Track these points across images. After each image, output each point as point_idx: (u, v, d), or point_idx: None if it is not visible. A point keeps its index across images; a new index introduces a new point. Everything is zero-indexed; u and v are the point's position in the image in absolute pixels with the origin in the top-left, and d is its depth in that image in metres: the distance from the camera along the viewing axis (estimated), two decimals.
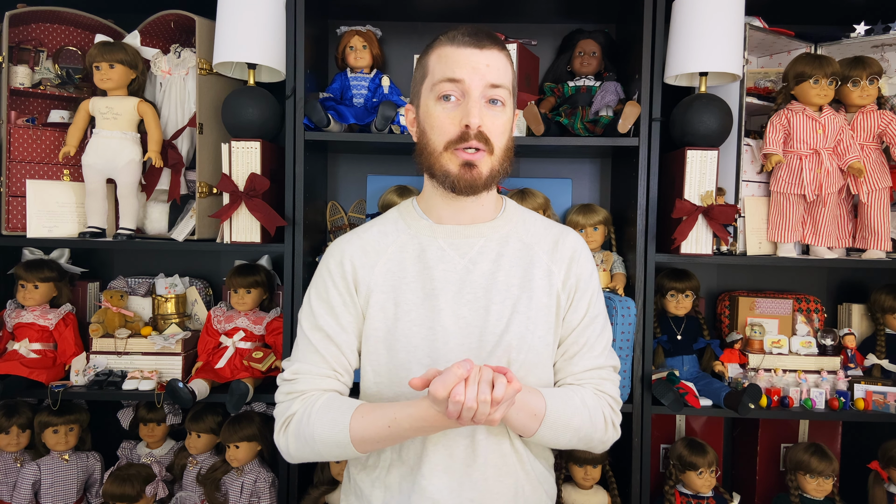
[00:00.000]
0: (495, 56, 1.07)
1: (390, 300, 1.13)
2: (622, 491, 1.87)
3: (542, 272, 1.15)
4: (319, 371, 1.12)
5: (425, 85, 1.10)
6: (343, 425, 1.04)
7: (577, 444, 1.13)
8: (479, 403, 0.90)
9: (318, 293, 1.16)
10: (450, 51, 1.06)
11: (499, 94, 1.06)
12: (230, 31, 1.70)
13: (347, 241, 1.19)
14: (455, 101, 1.06)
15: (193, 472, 1.88)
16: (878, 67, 1.78)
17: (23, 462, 1.89)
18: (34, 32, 1.96)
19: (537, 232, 1.20)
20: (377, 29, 1.98)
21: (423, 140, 1.11)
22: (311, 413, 1.08)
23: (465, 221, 1.16)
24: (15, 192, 1.88)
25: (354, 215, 2.12)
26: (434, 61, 1.08)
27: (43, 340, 1.87)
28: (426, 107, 1.09)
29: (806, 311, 1.98)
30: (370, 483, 1.16)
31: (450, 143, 1.06)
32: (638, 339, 1.75)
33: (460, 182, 1.07)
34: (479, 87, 1.05)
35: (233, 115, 1.74)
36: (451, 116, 1.06)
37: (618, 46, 2.01)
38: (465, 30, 1.07)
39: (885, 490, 1.84)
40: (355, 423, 1.04)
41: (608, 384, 1.17)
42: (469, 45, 1.05)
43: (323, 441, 1.06)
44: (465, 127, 1.04)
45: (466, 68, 1.04)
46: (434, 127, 1.07)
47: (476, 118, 1.04)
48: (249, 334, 1.89)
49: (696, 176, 1.72)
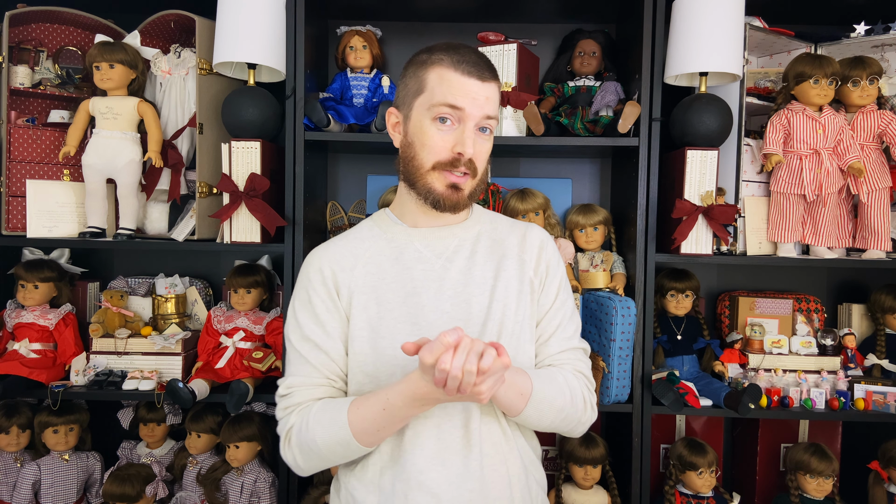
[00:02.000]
0: (493, 89, 1.12)
1: (372, 300, 1.15)
2: (622, 491, 1.87)
3: (515, 262, 1.20)
4: (312, 381, 1.14)
5: (421, 100, 1.12)
6: (342, 422, 1.05)
7: (560, 425, 1.16)
8: (465, 373, 0.90)
9: (301, 303, 1.18)
10: (453, 76, 1.09)
11: (490, 123, 1.12)
12: (230, 31, 1.70)
13: (324, 248, 1.22)
14: (451, 125, 1.10)
15: (193, 472, 1.88)
16: (878, 67, 1.78)
17: (23, 462, 1.89)
18: (34, 32, 1.96)
19: (504, 229, 1.26)
20: (377, 29, 1.98)
21: (409, 152, 1.14)
22: (309, 419, 1.09)
23: (439, 225, 1.20)
24: (15, 192, 1.88)
25: (354, 215, 2.12)
26: (434, 81, 1.10)
27: (43, 340, 1.87)
28: (419, 122, 1.12)
29: (806, 311, 1.98)
30: (364, 489, 1.14)
31: (439, 164, 1.10)
32: (638, 339, 1.75)
33: (446, 202, 1.12)
34: (476, 118, 1.09)
35: (233, 115, 1.74)
36: (445, 140, 1.10)
37: (618, 46, 2.01)
38: (470, 58, 1.10)
39: (885, 490, 1.84)
40: (353, 415, 1.05)
41: (583, 365, 1.22)
42: (473, 75, 1.09)
43: (326, 443, 1.07)
44: (457, 154, 1.09)
45: (468, 99, 1.08)
46: (426, 145, 1.11)
47: (470, 149, 1.09)
48: (249, 334, 1.89)
49: (696, 176, 1.72)
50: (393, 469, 1.12)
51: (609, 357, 1.72)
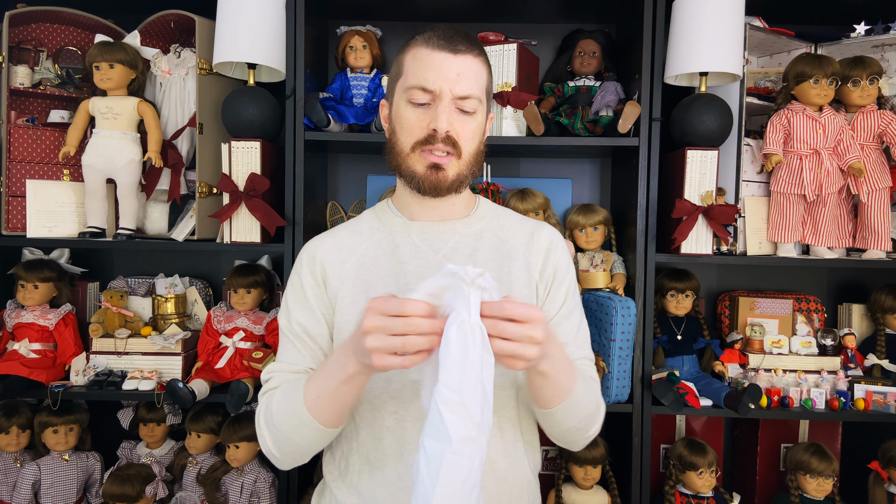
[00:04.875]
0: (468, 63, 1.06)
1: (362, 293, 1.12)
2: (622, 491, 1.87)
3: (520, 264, 1.15)
4: (293, 367, 1.12)
5: (399, 84, 1.10)
6: (298, 392, 1.01)
7: (572, 436, 1.10)
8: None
9: (292, 290, 1.16)
10: (424, 53, 1.06)
11: (468, 105, 1.06)
12: (230, 31, 1.70)
13: (321, 238, 1.20)
14: (426, 105, 1.07)
15: (193, 473, 1.88)
16: (879, 67, 1.78)
17: (23, 462, 1.89)
18: (34, 32, 1.96)
19: (512, 227, 1.20)
20: (377, 29, 1.98)
21: (392, 139, 1.12)
22: (273, 396, 1.07)
23: (437, 219, 1.16)
24: (15, 192, 1.88)
25: (354, 215, 2.12)
26: (409, 62, 1.08)
27: (43, 340, 1.87)
28: (398, 106, 1.10)
29: (806, 311, 1.98)
30: (346, 490, 1.12)
31: (417, 144, 1.07)
32: (638, 339, 1.75)
33: (425, 183, 1.08)
34: (447, 97, 1.05)
35: (233, 115, 1.74)
36: (420, 119, 1.06)
37: (618, 46, 2.01)
38: (441, 32, 1.06)
39: (886, 490, 1.84)
40: (308, 384, 1.00)
41: (594, 374, 1.17)
42: (443, 48, 1.05)
43: (283, 417, 1.02)
44: (432, 130, 1.05)
45: (438, 77, 1.04)
46: (404, 128, 1.08)
47: (444, 123, 1.04)
48: (249, 334, 1.89)
49: (696, 176, 1.72)
50: (371, 473, 1.09)
51: (609, 357, 1.72)
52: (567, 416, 1.06)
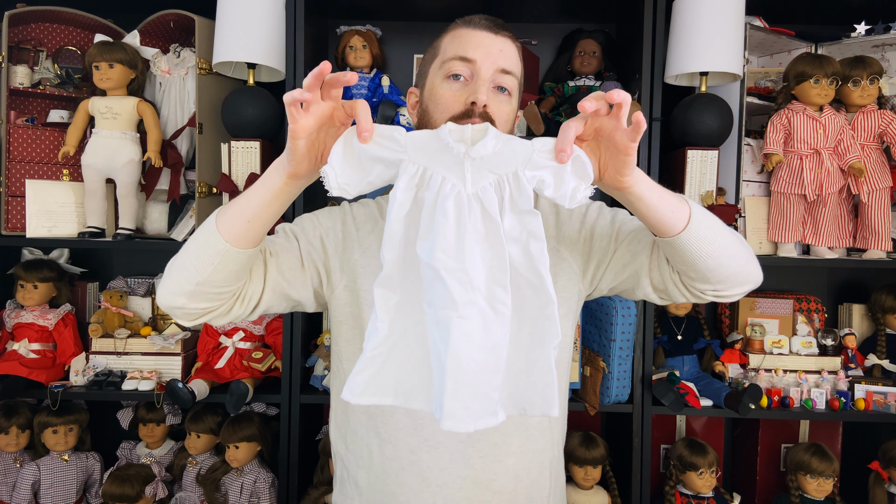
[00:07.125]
0: (509, 44, 1.05)
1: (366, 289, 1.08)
2: (622, 491, 1.87)
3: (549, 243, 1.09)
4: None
5: (434, 64, 1.07)
6: (211, 215, 0.95)
7: (741, 256, 0.98)
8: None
9: (312, 214, 1.12)
10: (465, 31, 1.05)
11: (508, 81, 1.03)
12: (230, 31, 1.70)
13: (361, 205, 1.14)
14: (464, 81, 1.03)
15: (193, 473, 1.88)
16: (879, 67, 1.78)
17: (22, 462, 1.89)
18: (34, 32, 1.96)
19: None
20: (377, 29, 1.98)
21: (423, 120, 1.08)
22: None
23: None
24: (14, 192, 1.88)
25: None
26: (447, 41, 1.07)
27: (42, 340, 1.86)
28: (432, 85, 1.06)
29: (806, 312, 1.98)
30: (356, 463, 1.11)
31: (452, 119, 1.00)
32: (638, 339, 1.75)
33: None
34: (489, 70, 1.01)
35: (232, 115, 1.74)
36: (457, 95, 1.02)
37: (618, 46, 2.01)
38: (483, 16, 1.06)
39: (886, 490, 1.84)
40: (221, 211, 0.95)
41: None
42: (485, 28, 1.04)
43: (191, 242, 0.95)
44: (471, 104, 1.00)
45: (479, 49, 1.01)
46: (439, 104, 1.03)
47: (483, 96, 0.99)
48: (249, 334, 1.89)
49: (697, 176, 1.72)
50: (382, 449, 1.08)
51: (609, 357, 1.72)
52: (712, 230, 0.95)
